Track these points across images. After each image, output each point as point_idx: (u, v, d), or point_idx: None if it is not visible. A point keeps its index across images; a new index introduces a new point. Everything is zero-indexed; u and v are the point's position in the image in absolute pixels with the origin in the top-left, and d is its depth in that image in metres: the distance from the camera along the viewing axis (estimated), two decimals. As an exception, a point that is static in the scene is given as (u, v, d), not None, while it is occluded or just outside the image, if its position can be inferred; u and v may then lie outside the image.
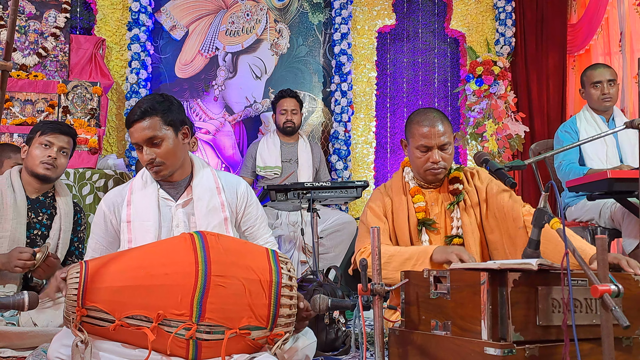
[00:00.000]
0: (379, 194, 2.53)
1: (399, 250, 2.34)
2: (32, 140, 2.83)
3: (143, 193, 2.28)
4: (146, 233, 2.21)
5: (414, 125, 2.44)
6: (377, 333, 1.75)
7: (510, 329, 1.62)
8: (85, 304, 1.78)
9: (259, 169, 4.52)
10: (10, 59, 1.66)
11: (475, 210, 2.45)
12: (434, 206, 2.47)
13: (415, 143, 2.42)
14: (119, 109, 5.05)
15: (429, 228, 2.43)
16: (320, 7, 5.59)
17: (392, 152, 5.77)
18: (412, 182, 2.50)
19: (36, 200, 2.86)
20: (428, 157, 2.40)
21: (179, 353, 1.81)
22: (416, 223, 2.44)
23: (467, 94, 5.55)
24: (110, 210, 2.29)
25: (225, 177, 2.40)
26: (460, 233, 2.43)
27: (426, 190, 2.50)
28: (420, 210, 2.44)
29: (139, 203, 2.26)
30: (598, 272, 1.54)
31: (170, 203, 2.28)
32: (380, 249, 2.31)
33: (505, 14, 5.73)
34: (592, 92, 3.78)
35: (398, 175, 2.57)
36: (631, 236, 3.33)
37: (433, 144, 2.38)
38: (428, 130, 2.38)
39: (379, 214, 2.46)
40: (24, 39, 4.79)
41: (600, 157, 3.64)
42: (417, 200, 2.46)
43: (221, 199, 2.29)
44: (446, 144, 2.39)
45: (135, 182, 2.33)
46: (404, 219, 2.45)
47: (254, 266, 1.89)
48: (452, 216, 2.45)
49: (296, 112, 4.60)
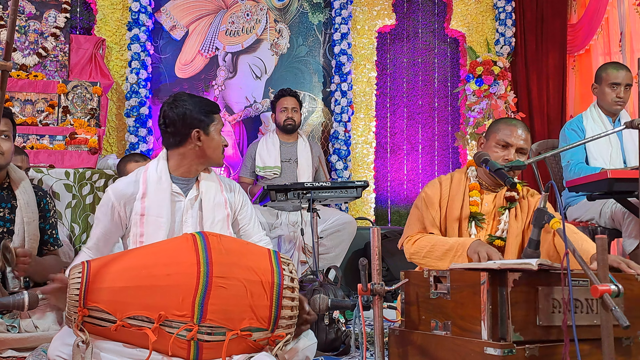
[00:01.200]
0: (437, 182, 2.60)
1: (440, 240, 2.40)
2: None
3: (158, 187, 2.31)
4: (159, 228, 2.25)
5: (502, 124, 2.54)
6: (377, 333, 1.75)
7: (510, 329, 1.62)
8: (86, 304, 1.78)
9: (259, 169, 4.51)
10: (10, 59, 1.66)
11: (523, 219, 2.51)
12: (487, 206, 2.53)
13: (499, 137, 2.49)
14: (119, 109, 5.04)
15: (478, 224, 2.50)
16: (320, 7, 5.59)
17: (392, 152, 5.77)
18: (474, 179, 2.57)
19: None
20: (505, 154, 2.47)
21: (180, 354, 1.82)
22: (468, 215, 2.50)
23: (467, 94, 5.56)
24: (118, 202, 2.30)
25: (222, 178, 2.52)
26: (504, 236, 2.49)
27: (484, 190, 2.56)
28: (474, 204, 2.51)
29: (153, 197, 2.29)
30: (598, 272, 1.54)
31: (181, 198, 2.34)
32: (423, 239, 2.42)
33: (505, 14, 5.73)
34: (608, 91, 3.67)
35: (462, 170, 2.64)
36: (631, 236, 3.33)
37: (515, 143, 2.46)
38: (516, 130, 2.48)
39: (433, 200, 2.53)
40: (24, 39, 4.79)
41: (604, 158, 3.61)
42: (473, 194, 2.53)
43: (224, 196, 2.40)
44: (524, 150, 2.48)
45: (150, 175, 2.33)
46: (458, 208, 2.51)
47: (255, 267, 1.89)
48: (501, 219, 2.51)
49: (296, 110, 4.60)
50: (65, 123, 4.27)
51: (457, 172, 2.65)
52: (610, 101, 3.69)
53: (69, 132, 4.17)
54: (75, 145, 4.13)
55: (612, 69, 3.72)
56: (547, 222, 1.89)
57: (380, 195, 5.68)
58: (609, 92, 3.68)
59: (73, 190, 3.78)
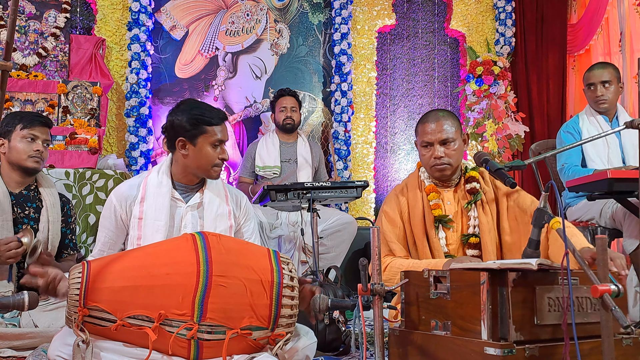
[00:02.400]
0: (393, 196, 2.55)
1: (412, 264, 2.34)
2: (11, 133, 2.75)
3: (158, 191, 2.31)
4: (156, 232, 2.25)
5: (419, 125, 2.52)
6: (377, 333, 1.75)
7: (510, 329, 1.62)
8: (87, 304, 1.78)
9: (259, 169, 4.52)
10: (10, 59, 1.66)
11: (491, 208, 2.46)
12: (450, 205, 2.48)
13: (419, 140, 2.50)
14: (119, 109, 5.04)
15: (445, 225, 2.45)
16: (320, 7, 5.59)
17: (392, 152, 5.77)
18: (428, 180, 2.53)
19: (20, 195, 2.79)
20: (431, 154, 2.44)
21: (181, 353, 1.82)
22: (432, 220, 2.45)
23: (467, 94, 5.56)
24: (120, 205, 2.31)
25: (230, 188, 2.50)
26: (477, 232, 2.44)
27: (442, 189, 2.52)
28: (436, 207, 2.46)
29: (152, 201, 2.29)
30: (598, 272, 1.54)
31: (181, 204, 2.33)
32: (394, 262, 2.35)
33: (505, 14, 5.73)
34: (588, 94, 3.77)
35: (414, 174, 2.59)
36: (632, 236, 3.32)
37: (433, 139, 2.44)
38: (428, 127, 2.45)
39: (393, 218, 2.48)
40: (24, 39, 4.79)
41: (602, 159, 3.61)
42: (432, 197, 2.48)
43: (229, 207, 2.38)
44: (447, 139, 2.43)
45: (150, 179, 2.34)
46: (420, 216, 2.46)
47: (255, 266, 1.89)
48: (470, 215, 2.47)
49: (295, 109, 4.61)
50: (66, 123, 4.27)
51: (410, 177, 2.60)
52: (592, 102, 3.76)
53: (69, 132, 4.17)
54: (75, 145, 4.13)
55: (587, 71, 3.81)
56: (547, 222, 1.89)
57: (380, 195, 5.68)
58: (589, 94, 3.76)
59: (73, 190, 3.79)
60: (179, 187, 2.36)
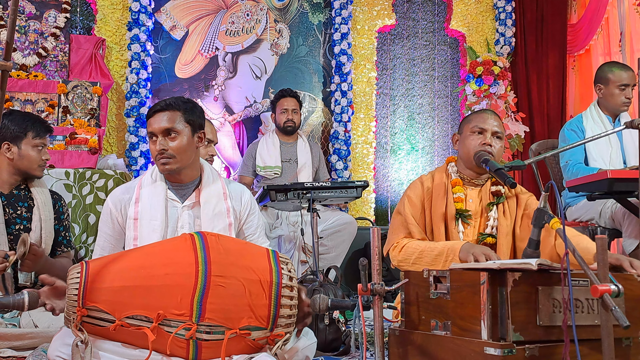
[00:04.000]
0: (418, 183, 2.55)
1: (429, 246, 2.34)
2: (21, 140, 2.73)
3: (152, 191, 2.30)
4: (152, 232, 2.24)
5: (473, 115, 2.57)
6: (377, 333, 1.75)
7: (510, 329, 1.62)
8: (85, 304, 1.78)
9: (259, 169, 4.51)
10: (10, 59, 1.66)
11: (512, 216, 2.47)
12: (472, 203, 2.49)
13: (472, 125, 2.51)
14: (119, 109, 5.04)
15: (465, 221, 2.45)
16: (320, 7, 5.59)
17: (392, 152, 5.77)
18: (455, 174, 2.54)
19: (11, 195, 2.76)
20: (482, 140, 2.46)
21: (179, 353, 1.81)
22: (453, 213, 2.45)
23: (467, 94, 5.56)
24: (116, 208, 2.31)
25: (231, 184, 2.45)
26: (494, 233, 2.45)
27: (467, 186, 2.52)
28: (458, 200, 2.47)
29: (147, 201, 2.28)
30: (598, 272, 1.54)
31: (177, 204, 2.31)
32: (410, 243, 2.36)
33: (505, 14, 5.73)
34: (617, 93, 3.63)
35: (442, 168, 2.60)
36: (632, 236, 3.33)
37: (488, 127, 2.48)
38: (486, 116, 2.52)
39: (415, 202, 2.48)
40: (24, 39, 4.79)
41: (604, 159, 3.59)
42: (456, 190, 2.48)
43: (227, 205, 2.34)
44: (499, 133, 2.50)
45: (144, 180, 2.34)
46: (442, 205, 2.46)
47: (254, 266, 1.89)
48: (489, 215, 2.47)
49: (296, 111, 4.60)
50: (65, 123, 4.27)
51: (437, 170, 2.60)
52: (619, 102, 3.65)
53: (69, 132, 4.17)
54: (75, 145, 4.13)
55: (620, 70, 3.67)
56: (547, 222, 1.88)
57: (380, 195, 5.68)
58: (618, 94, 3.64)
59: (73, 190, 3.78)
60: (173, 187, 2.33)
